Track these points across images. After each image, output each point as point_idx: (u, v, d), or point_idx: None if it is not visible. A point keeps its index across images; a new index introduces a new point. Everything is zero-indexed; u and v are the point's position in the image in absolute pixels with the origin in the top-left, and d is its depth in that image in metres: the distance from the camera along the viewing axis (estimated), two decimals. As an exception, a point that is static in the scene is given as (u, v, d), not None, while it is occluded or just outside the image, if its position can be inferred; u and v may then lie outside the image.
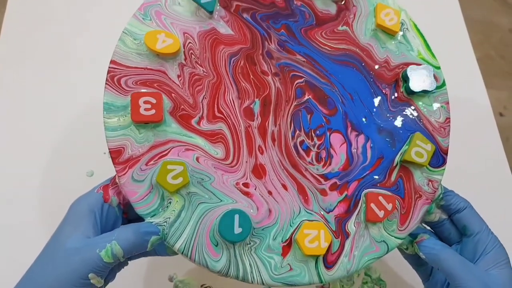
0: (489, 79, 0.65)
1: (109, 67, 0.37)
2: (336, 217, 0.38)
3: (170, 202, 0.36)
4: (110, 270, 0.35)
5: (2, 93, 0.57)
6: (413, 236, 0.39)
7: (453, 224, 0.39)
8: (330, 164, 0.39)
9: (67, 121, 0.55)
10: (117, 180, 0.36)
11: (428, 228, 0.42)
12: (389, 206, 0.37)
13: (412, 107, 0.41)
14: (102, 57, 0.49)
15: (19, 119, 0.56)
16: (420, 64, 0.41)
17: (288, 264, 0.36)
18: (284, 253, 0.37)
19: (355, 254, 0.37)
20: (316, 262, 0.37)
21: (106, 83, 0.37)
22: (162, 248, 0.38)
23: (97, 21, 0.62)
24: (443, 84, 0.42)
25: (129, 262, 0.38)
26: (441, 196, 0.39)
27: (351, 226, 0.38)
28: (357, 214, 0.38)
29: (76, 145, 0.53)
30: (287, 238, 0.37)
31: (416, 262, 0.41)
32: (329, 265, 0.37)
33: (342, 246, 0.37)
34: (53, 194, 0.49)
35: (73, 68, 0.59)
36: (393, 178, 0.39)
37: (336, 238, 0.37)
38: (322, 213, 0.38)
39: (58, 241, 0.33)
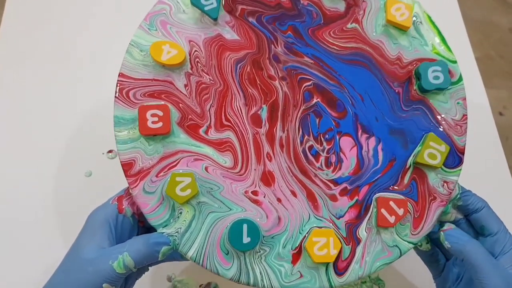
0: (488, 78, 0.65)
1: (118, 80, 0.39)
2: (346, 223, 0.38)
3: (181, 213, 0.37)
4: (129, 277, 0.38)
5: (1, 93, 0.58)
6: (435, 229, 0.39)
7: (469, 224, 0.39)
8: (340, 169, 0.39)
9: (66, 121, 0.56)
10: (130, 191, 0.38)
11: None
12: (400, 211, 0.37)
13: (426, 106, 0.40)
14: (101, 56, 0.51)
15: (17, 119, 0.57)
16: (434, 60, 0.40)
17: (299, 271, 0.38)
18: (294, 261, 0.38)
19: (366, 260, 0.38)
20: (327, 269, 0.37)
21: (116, 97, 0.39)
22: (178, 254, 0.40)
23: (97, 21, 0.63)
24: (460, 79, 0.41)
25: (149, 268, 0.40)
26: (458, 196, 0.39)
27: (362, 232, 0.38)
28: (368, 219, 0.39)
29: (75, 145, 0.54)
30: (297, 245, 0.38)
31: (429, 258, 0.42)
32: (340, 272, 0.38)
33: (353, 253, 0.38)
34: (51, 194, 0.51)
35: (72, 68, 0.60)
36: (406, 180, 0.39)
37: (346, 244, 0.38)
38: (332, 219, 0.38)
39: (75, 252, 0.35)
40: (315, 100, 0.40)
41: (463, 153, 0.40)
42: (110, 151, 0.51)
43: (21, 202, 0.52)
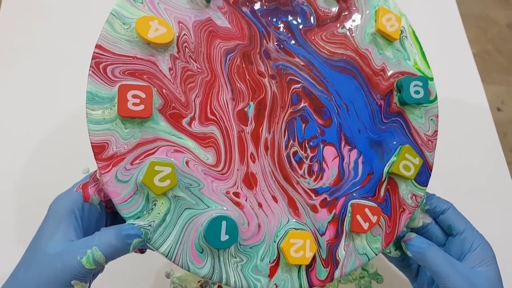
0: (486, 74, 0.69)
1: (94, 53, 0.37)
2: (327, 242, 0.41)
3: (155, 204, 0.36)
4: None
5: None
6: (399, 237, 0.43)
7: (438, 227, 0.44)
8: (321, 178, 0.42)
9: (63, 118, 0.59)
10: (98, 176, 0.36)
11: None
12: (374, 218, 0.41)
13: (404, 119, 0.44)
14: None
15: (14, 116, 0.59)
16: (415, 75, 0.45)
17: (275, 284, 0.39)
18: (271, 274, 0.39)
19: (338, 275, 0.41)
20: (300, 276, 0.40)
21: (90, 70, 0.37)
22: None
23: (95, 19, 0.60)
24: (435, 98, 0.45)
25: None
26: (424, 201, 0.43)
27: (341, 252, 0.41)
28: (346, 236, 0.41)
29: (72, 142, 0.54)
30: (275, 258, 0.39)
31: (401, 264, 0.45)
32: (312, 286, 0.40)
33: (331, 277, 0.40)
34: (49, 191, 0.49)
35: (69, 65, 0.61)
36: (382, 193, 0.43)
37: (324, 267, 0.40)
38: (316, 234, 0.40)
39: (39, 244, 0.33)
40: (302, 104, 0.42)
41: (431, 171, 0.44)
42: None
43: (18, 199, 0.54)
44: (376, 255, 0.42)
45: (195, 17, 0.40)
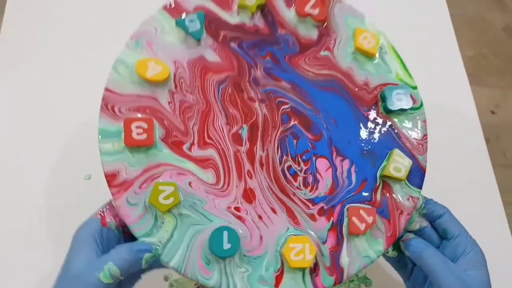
0: (482, 77, 0.69)
1: (104, 94, 0.42)
2: (330, 250, 0.43)
3: (163, 222, 0.40)
4: (124, 284, 0.40)
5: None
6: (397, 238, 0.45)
7: (434, 230, 0.45)
8: (316, 189, 0.44)
9: (65, 124, 0.60)
10: (113, 202, 0.41)
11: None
12: (369, 219, 0.43)
13: (392, 126, 0.47)
14: (101, 59, 0.54)
15: (16, 121, 0.60)
16: (397, 84, 0.48)
17: None
18: (277, 284, 0.41)
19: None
20: (305, 282, 0.42)
21: (101, 110, 0.42)
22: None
23: (98, 21, 0.68)
24: (421, 105, 0.48)
25: (142, 276, 0.43)
26: (423, 205, 0.45)
27: (344, 258, 0.43)
28: (347, 242, 0.43)
29: (74, 148, 0.58)
30: (279, 267, 0.42)
31: (397, 263, 0.47)
32: None
33: (337, 282, 0.42)
34: (51, 197, 0.54)
35: (72, 70, 0.64)
36: (378, 197, 0.45)
37: (329, 275, 0.42)
38: (318, 242, 0.43)
39: (65, 270, 0.38)
40: (292, 123, 0.46)
41: (424, 172, 0.46)
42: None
43: (19, 205, 0.56)
44: (377, 257, 0.43)
45: (188, 55, 0.45)
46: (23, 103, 0.62)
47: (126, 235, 0.42)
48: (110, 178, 0.41)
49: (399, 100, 0.47)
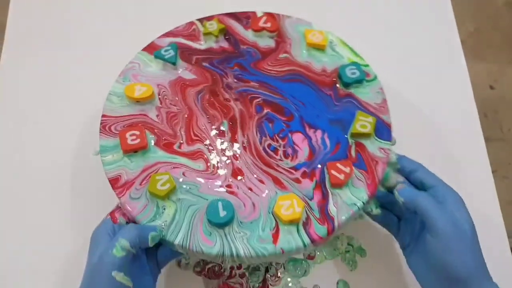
0: (481, 52, 0.69)
1: (101, 119, 0.50)
2: (317, 204, 0.46)
3: (164, 209, 0.45)
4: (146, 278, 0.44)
5: (13, 74, 0.67)
6: (378, 196, 0.48)
7: (411, 184, 0.48)
8: (297, 157, 0.49)
9: (76, 106, 0.64)
10: (118, 201, 0.46)
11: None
12: (347, 169, 0.47)
13: (353, 97, 0.53)
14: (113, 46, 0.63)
15: (32, 101, 0.65)
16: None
17: (281, 248, 0.45)
18: (274, 240, 0.45)
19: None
20: (303, 241, 0.45)
21: (100, 132, 0.50)
22: (169, 250, 0.46)
23: (104, 18, 0.73)
24: (375, 78, 0.54)
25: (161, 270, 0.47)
26: (395, 161, 0.49)
27: (332, 208, 0.46)
28: (331, 194, 0.47)
29: (83, 126, 0.62)
30: (274, 226, 0.46)
31: (383, 220, 0.50)
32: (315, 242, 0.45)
33: (330, 230, 0.45)
34: (61, 173, 0.58)
35: (86, 54, 0.69)
36: (353, 154, 0.49)
37: (320, 224, 0.45)
38: (305, 198, 0.46)
39: (87, 263, 0.42)
40: (265, 111, 0.52)
41: (390, 127, 0.51)
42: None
43: (27, 183, 0.59)
44: (364, 204, 0.46)
45: (169, 78, 0.54)
46: (36, 83, 0.66)
47: None
48: (114, 181, 0.47)
49: (353, 74, 0.53)
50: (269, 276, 0.53)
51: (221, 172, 0.48)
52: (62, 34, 0.71)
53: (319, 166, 0.49)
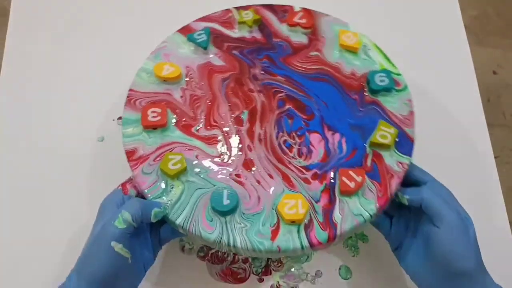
0: (484, 37, 0.68)
1: (128, 93, 0.52)
2: (323, 208, 0.46)
3: (172, 187, 0.47)
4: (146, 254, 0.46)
5: (18, 68, 0.67)
6: None
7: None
8: (310, 158, 0.49)
9: (83, 94, 0.65)
10: (131, 173, 0.48)
11: None
12: (358, 178, 0.46)
13: (378, 106, 0.52)
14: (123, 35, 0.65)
15: (38, 91, 0.66)
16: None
17: (277, 246, 0.45)
18: (273, 237, 0.45)
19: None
20: (301, 244, 0.45)
21: (125, 105, 0.51)
22: (170, 228, 0.47)
23: (113, 13, 0.73)
24: (405, 87, 0.53)
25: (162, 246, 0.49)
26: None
27: (337, 215, 0.46)
28: (339, 201, 0.47)
29: (89, 113, 0.63)
30: (275, 222, 0.46)
31: (374, 220, 0.49)
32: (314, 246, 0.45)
33: (332, 237, 0.45)
34: (66, 158, 0.60)
35: (94, 43, 0.70)
36: (368, 163, 0.49)
37: (322, 229, 0.45)
38: (311, 200, 0.46)
39: (92, 232, 0.44)
40: (287, 106, 0.52)
41: (413, 142, 0.50)
42: (119, 118, 0.61)
43: (34, 169, 0.60)
44: (371, 216, 0.46)
45: (198, 62, 0.55)
46: (40, 73, 0.67)
47: None
48: (130, 154, 0.48)
49: (381, 82, 0.52)
50: (271, 261, 0.53)
51: (233, 160, 0.49)
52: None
53: (332, 170, 0.48)
